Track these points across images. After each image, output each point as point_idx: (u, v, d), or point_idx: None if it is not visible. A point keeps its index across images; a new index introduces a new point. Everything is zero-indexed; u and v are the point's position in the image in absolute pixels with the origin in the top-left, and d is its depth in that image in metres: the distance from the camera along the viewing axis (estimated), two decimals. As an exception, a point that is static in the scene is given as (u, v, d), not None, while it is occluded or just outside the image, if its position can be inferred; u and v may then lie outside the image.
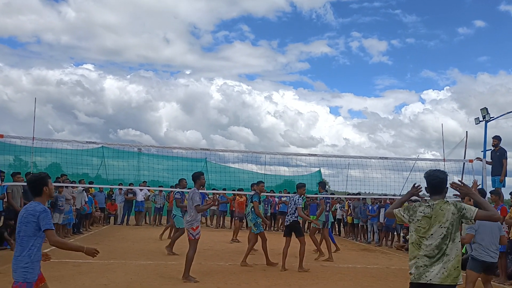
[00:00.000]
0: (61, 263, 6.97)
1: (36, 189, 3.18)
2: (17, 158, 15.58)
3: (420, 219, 3.02)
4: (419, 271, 2.96)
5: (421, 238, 2.99)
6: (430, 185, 3.12)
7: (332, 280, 6.82)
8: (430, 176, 3.12)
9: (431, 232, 2.96)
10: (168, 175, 17.24)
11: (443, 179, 3.11)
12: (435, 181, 3.10)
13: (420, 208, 3.05)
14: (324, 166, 14.41)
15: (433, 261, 2.93)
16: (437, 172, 3.14)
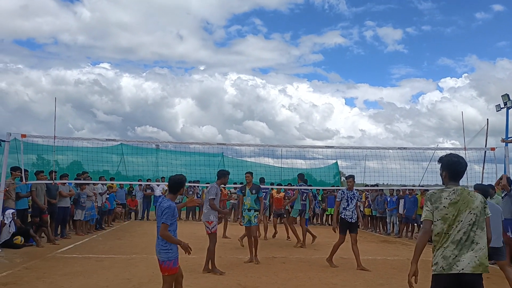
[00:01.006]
0: (84, 259, 7.20)
1: (175, 188, 3.99)
2: (40, 157, 16.06)
3: (447, 206, 2.88)
4: (448, 261, 2.84)
5: (449, 227, 2.86)
6: (455, 171, 2.99)
7: (352, 272, 6.75)
8: (456, 163, 2.99)
9: (461, 219, 2.85)
10: (186, 170, 17.44)
11: (466, 166, 3.03)
12: (463, 168, 3.00)
13: (444, 194, 2.90)
14: (340, 158, 14.23)
15: (463, 250, 2.81)
16: (462, 159, 3.03)
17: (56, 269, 6.25)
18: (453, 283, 2.84)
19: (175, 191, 3.99)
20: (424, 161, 10.12)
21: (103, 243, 9.24)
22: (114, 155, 18.06)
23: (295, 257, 8.09)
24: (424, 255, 8.68)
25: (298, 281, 5.97)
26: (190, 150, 15.08)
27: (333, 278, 6.24)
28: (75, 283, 5.42)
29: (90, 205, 10.67)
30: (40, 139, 8.95)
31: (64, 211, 9.75)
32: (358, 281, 6.09)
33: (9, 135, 8.15)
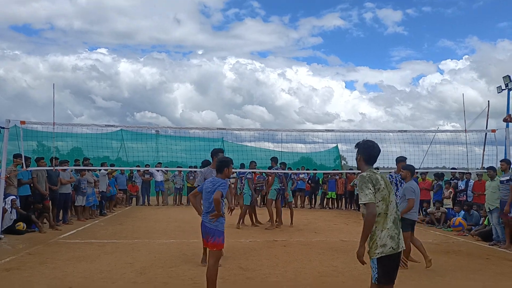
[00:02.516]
0: (86, 244, 7.26)
1: (220, 168, 4.38)
2: (40, 143, 16.02)
3: (384, 187, 2.99)
4: (395, 241, 2.95)
5: (387, 207, 2.97)
6: (370, 155, 3.12)
7: (352, 254, 6.78)
8: (372, 147, 3.13)
9: (391, 199, 3.00)
10: (186, 155, 17.46)
11: (380, 151, 3.19)
12: (377, 153, 3.15)
13: (378, 176, 3.02)
14: (341, 142, 14.15)
15: (398, 228, 3.01)
16: (376, 145, 3.18)
17: (59, 254, 6.31)
18: (397, 261, 3.02)
19: (221, 171, 4.41)
20: (424, 144, 10.05)
21: (105, 228, 9.32)
22: (114, 141, 18.04)
23: (295, 240, 8.17)
24: (424, 237, 8.67)
25: (298, 263, 6.03)
26: (190, 135, 15.03)
27: (333, 260, 6.31)
28: (78, 268, 5.48)
29: (91, 191, 10.71)
30: (40, 125, 8.88)
31: (66, 197, 9.79)
32: (358, 263, 6.10)
33: (8, 122, 8.09)
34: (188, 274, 5.27)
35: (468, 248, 7.69)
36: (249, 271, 5.43)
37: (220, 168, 4.40)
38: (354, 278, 5.28)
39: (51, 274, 5.15)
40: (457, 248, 7.64)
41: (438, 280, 5.30)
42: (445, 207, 11.19)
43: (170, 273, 5.30)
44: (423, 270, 5.80)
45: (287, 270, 5.57)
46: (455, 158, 9.96)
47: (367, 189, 2.93)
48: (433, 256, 6.82)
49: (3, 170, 7.75)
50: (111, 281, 4.92)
